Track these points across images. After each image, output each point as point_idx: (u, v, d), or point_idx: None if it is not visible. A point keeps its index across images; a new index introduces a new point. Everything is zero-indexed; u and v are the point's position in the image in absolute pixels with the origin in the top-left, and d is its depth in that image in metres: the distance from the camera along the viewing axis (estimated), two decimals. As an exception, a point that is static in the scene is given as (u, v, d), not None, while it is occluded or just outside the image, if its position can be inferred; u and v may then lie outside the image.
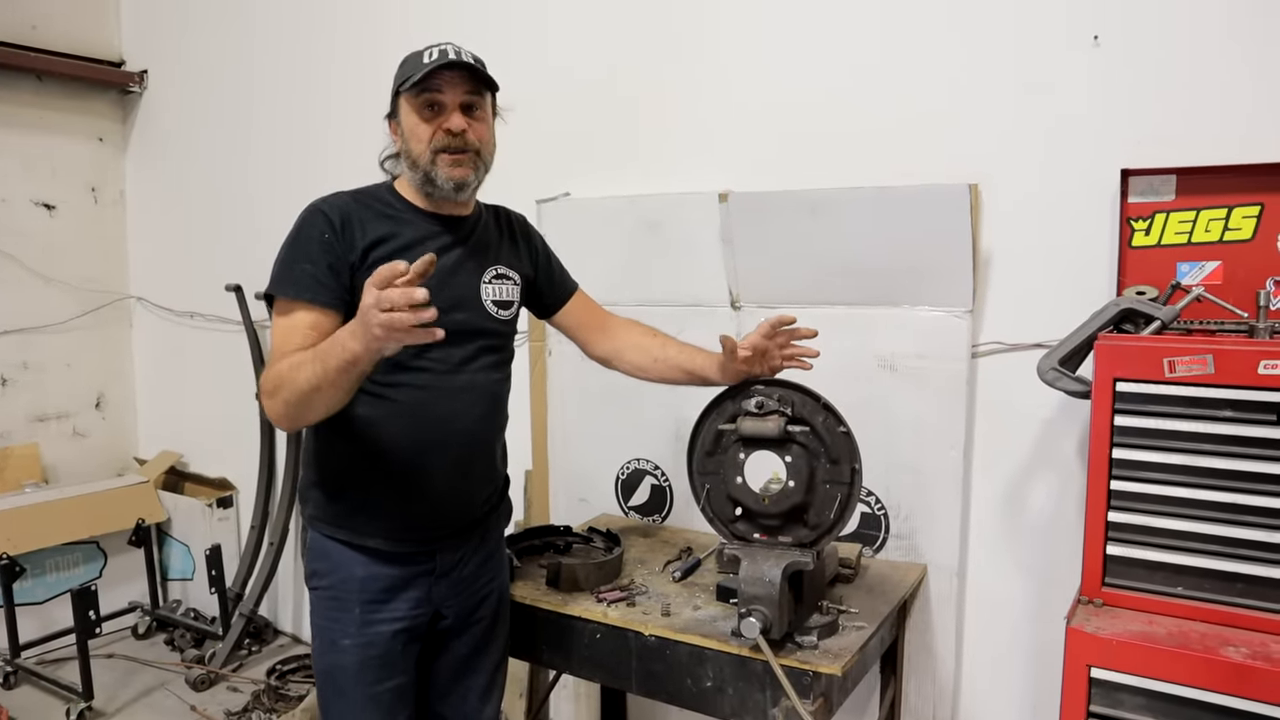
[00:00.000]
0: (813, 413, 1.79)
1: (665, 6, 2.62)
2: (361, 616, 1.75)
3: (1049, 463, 2.16)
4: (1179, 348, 1.61)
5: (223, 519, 3.99)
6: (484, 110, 1.77)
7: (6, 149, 3.97)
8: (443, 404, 1.74)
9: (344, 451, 1.74)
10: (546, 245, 2.05)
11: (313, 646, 1.84)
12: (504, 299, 1.85)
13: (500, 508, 1.96)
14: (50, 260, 4.11)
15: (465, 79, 1.71)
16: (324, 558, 1.79)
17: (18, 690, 3.45)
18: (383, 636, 1.76)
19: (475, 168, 1.74)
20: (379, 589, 1.76)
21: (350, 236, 1.67)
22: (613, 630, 1.92)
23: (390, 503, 1.74)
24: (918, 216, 2.18)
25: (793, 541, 1.79)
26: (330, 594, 1.78)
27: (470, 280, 1.80)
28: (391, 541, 1.76)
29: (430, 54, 1.70)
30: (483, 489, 1.87)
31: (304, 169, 3.52)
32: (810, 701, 1.66)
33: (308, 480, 1.83)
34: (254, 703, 3.32)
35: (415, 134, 1.71)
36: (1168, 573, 1.66)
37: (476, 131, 1.73)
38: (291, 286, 1.64)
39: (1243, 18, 1.88)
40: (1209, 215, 1.90)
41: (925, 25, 2.22)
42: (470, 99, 1.73)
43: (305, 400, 1.52)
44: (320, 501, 1.80)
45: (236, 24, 3.79)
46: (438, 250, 1.74)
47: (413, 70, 1.69)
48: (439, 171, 1.70)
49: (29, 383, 4.10)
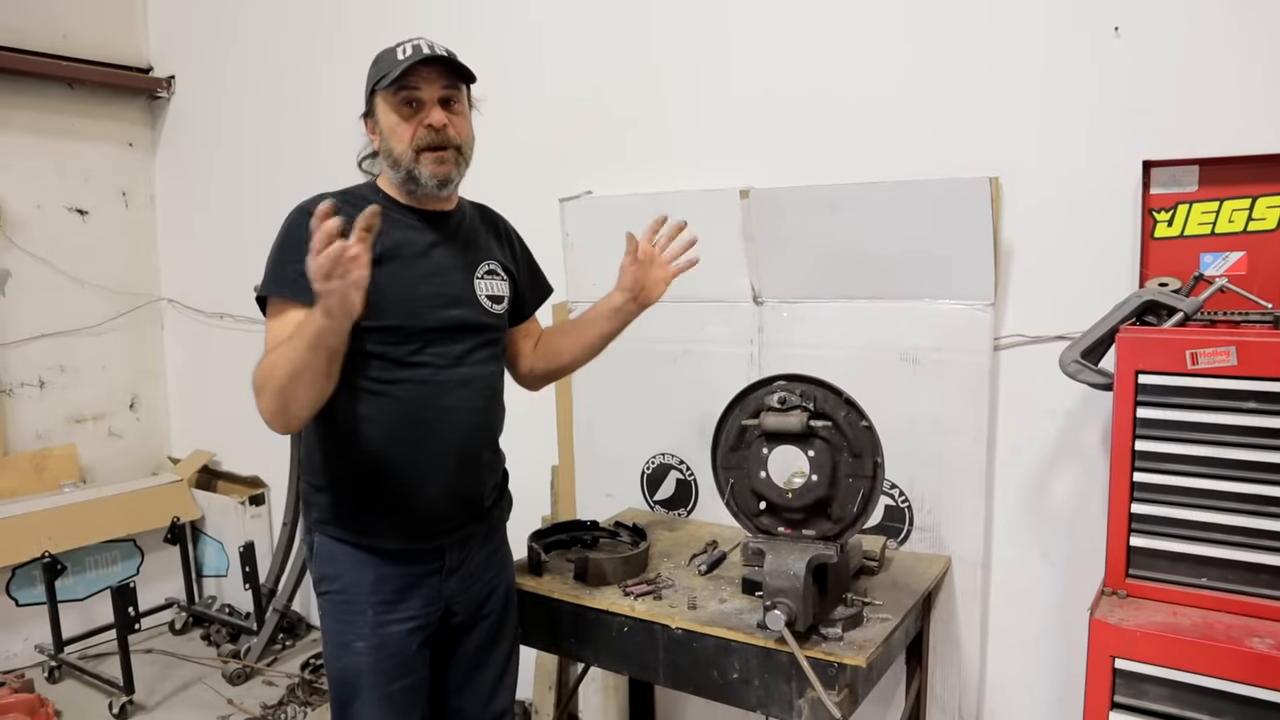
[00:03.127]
0: (835, 407, 1.81)
1: (686, 5, 2.63)
2: (375, 618, 1.75)
3: (1072, 455, 2.17)
4: (1202, 339, 1.61)
5: (255, 516, 4.06)
6: (461, 104, 1.77)
7: (41, 156, 4.05)
8: (443, 398, 1.74)
9: (347, 452, 1.73)
10: (526, 246, 2.05)
11: (325, 651, 1.83)
12: (496, 294, 1.86)
13: (503, 499, 1.97)
14: (84, 264, 4.20)
15: (442, 73, 1.71)
16: (332, 562, 1.78)
17: (62, 684, 3.54)
18: (397, 637, 1.76)
19: (457, 163, 1.75)
20: (391, 590, 1.76)
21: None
22: (640, 623, 1.95)
23: (397, 500, 1.74)
24: (938, 210, 2.18)
25: (816, 535, 1.81)
26: (341, 598, 1.77)
27: (464, 277, 1.81)
28: (401, 539, 1.76)
29: (404, 50, 1.70)
30: (488, 479, 1.87)
31: (329, 169, 3.56)
32: (835, 693, 1.68)
33: (310, 485, 1.82)
34: (289, 696, 3.39)
35: (395, 133, 1.71)
36: (1191, 564, 1.66)
37: (456, 126, 1.74)
38: (285, 287, 1.64)
39: (1263, 6, 1.87)
40: (1232, 206, 1.89)
41: (944, 20, 2.22)
42: (448, 93, 1.73)
43: (288, 389, 1.52)
44: (326, 505, 1.79)
45: (261, 28, 3.84)
46: (427, 246, 1.76)
47: (388, 67, 1.69)
48: (422, 170, 1.71)
49: (66, 384, 4.19)
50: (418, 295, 1.72)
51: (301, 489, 1.88)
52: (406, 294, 1.70)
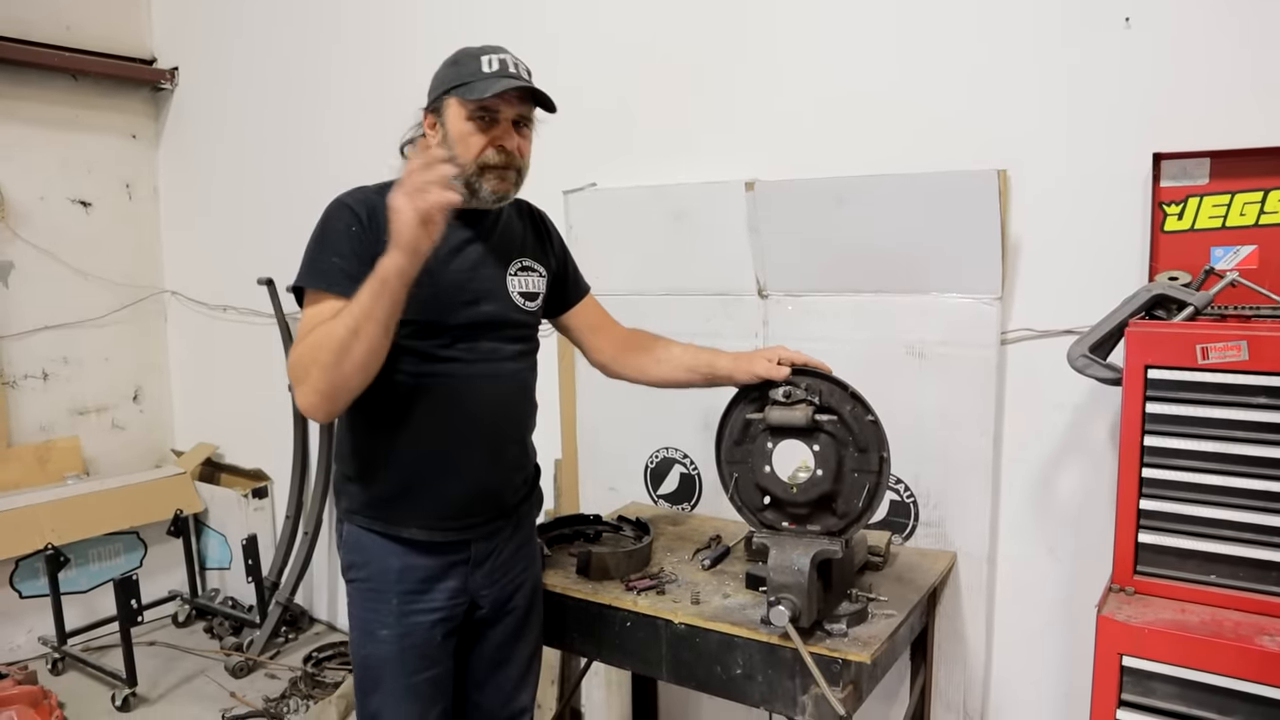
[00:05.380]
0: (840, 401, 1.79)
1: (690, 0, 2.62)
2: (399, 607, 1.78)
3: (1080, 450, 2.15)
4: (1212, 334, 1.59)
5: (258, 509, 4.07)
6: (532, 126, 1.78)
7: (44, 147, 4.05)
8: (473, 393, 1.76)
9: (376, 443, 1.76)
10: (564, 241, 2.06)
11: (350, 638, 1.87)
12: (530, 290, 1.87)
13: (532, 496, 1.98)
14: (87, 256, 4.20)
15: (523, 97, 1.71)
16: (360, 550, 1.82)
17: (65, 676, 3.55)
18: (421, 627, 1.78)
19: (516, 183, 1.77)
20: (416, 580, 1.78)
21: (376, 228, 1.68)
22: (643, 618, 1.94)
23: (425, 492, 1.76)
24: (946, 203, 2.17)
25: (821, 530, 1.80)
26: (368, 585, 1.81)
27: (496, 273, 1.82)
28: (427, 531, 1.78)
29: (490, 63, 1.69)
30: (515, 476, 1.89)
31: (333, 162, 3.56)
32: (840, 689, 1.67)
33: (342, 474, 1.86)
34: (291, 689, 3.39)
35: (466, 142, 1.70)
36: (1200, 561, 1.64)
37: (523, 149, 1.75)
38: (321, 278, 1.66)
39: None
40: (1244, 198, 1.87)
41: (951, 12, 2.20)
42: (523, 116, 1.74)
43: (342, 353, 1.52)
44: (355, 494, 1.82)
45: (265, 19, 3.83)
46: (462, 242, 1.77)
47: (470, 76, 1.68)
48: (484, 185, 1.72)
49: (69, 376, 4.19)
50: (447, 290, 1.73)
51: (334, 477, 1.91)
52: (436, 289, 1.71)
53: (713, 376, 1.93)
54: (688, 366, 1.97)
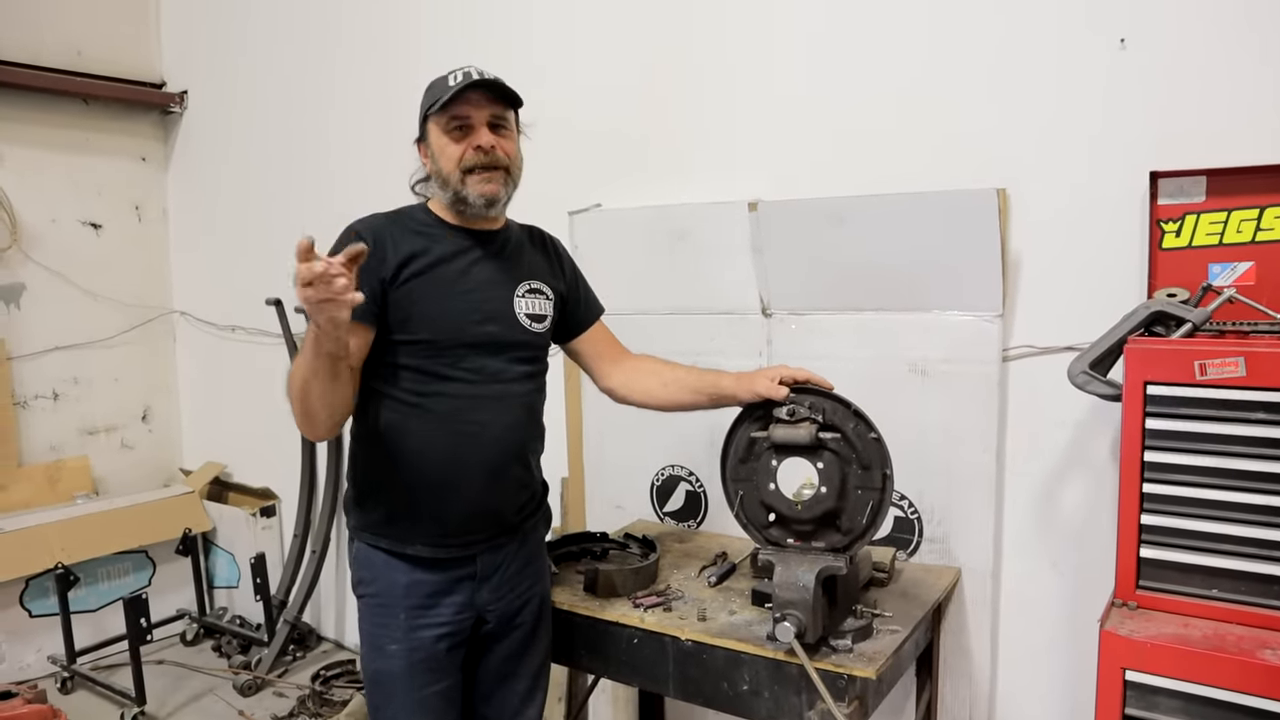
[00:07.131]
0: (844, 419, 1.81)
1: (691, 21, 2.65)
2: (407, 622, 1.80)
3: (1081, 465, 2.16)
4: (1210, 350, 1.60)
5: (266, 528, 4.08)
6: (509, 128, 1.83)
7: (56, 170, 4.10)
8: (476, 413, 1.79)
9: (382, 462, 1.79)
10: (576, 267, 2.09)
11: (361, 652, 1.89)
12: (538, 312, 1.89)
13: (538, 514, 2.00)
14: (97, 278, 4.24)
15: (491, 98, 1.77)
16: (368, 566, 1.85)
17: (74, 695, 3.56)
18: (428, 641, 1.81)
19: (505, 184, 1.81)
20: (423, 595, 1.81)
21: (382, 253, 1.73)
22: (649, 635, 1.95)
23: (428, 510, 1.79)
24: (946, 222, 2.19)
25: (826, 546, 1.81)
26: (376, 601, 1.84)
27: (503, 294, 1.85)
28: (431, 548, 1.80)
29: (455, 76, 1.76)
30: (517, 496, 1.90)
31: (339, 184, 3.60)
32: (845, 704, 1.68)
33: (350, 493, 1.89)
34: (299, 708, 3.39)
35: (445, 154, 1.77)
36: (1202, 575, 1.65)
37: (504, 148, 1.79)
38: None
39: (1269, 16, 1.88)
40: (1240, 216, 1.89)
41: (951, 32, 2.23)
42: (496, 117, 1.79)
43: (303, 395, 1.63)
44: (362, 512, 1.86)
45: (273, 43, 3.88)
46: (469, 263, 1.81)
47: (439, 94, 1.76)
48: (470, 189, 1.76)
49: (79, 396, 4.22)
50: (453, 310, 1.77)
51: (344, 494, 1.95)
52: (441, 308, 1.75)
53: (717, 397, 1.96)
54: (692, 389, 2.00)
